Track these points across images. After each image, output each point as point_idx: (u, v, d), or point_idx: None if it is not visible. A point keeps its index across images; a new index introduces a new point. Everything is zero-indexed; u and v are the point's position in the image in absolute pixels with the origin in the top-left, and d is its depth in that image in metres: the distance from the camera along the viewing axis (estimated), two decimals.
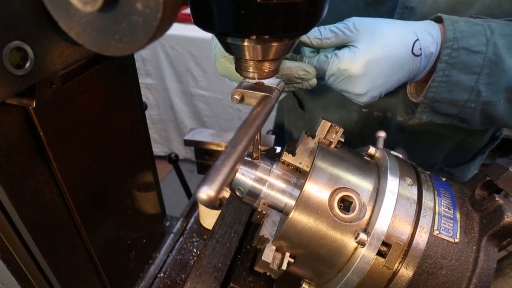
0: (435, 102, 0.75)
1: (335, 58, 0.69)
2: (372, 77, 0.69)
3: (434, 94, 0.74)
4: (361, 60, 0.67)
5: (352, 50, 0.68)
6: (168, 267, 0.96)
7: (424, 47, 0.70)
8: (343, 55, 0.68)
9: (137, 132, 0.79)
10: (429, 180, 0.57)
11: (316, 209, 0.51)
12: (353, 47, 0.69)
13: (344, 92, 0.74)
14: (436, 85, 0.72)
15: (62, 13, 0.30)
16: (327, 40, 0.69)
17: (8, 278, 0.59)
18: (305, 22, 0.41)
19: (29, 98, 0.49)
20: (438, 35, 0.71)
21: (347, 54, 0.68)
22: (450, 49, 0.69)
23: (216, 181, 0.33)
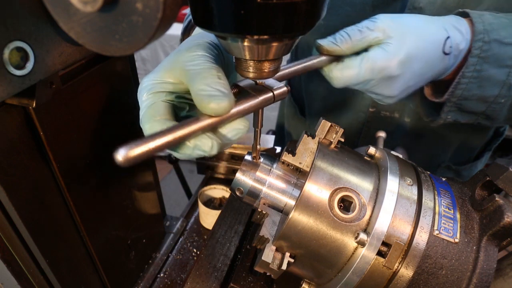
0: (463, 100, 0.71)
1: (367, 59, 0.62)
2: (406, 78, 0.65)
3: (463, 91, 0.69)
4: (397, 58, 0.62)
5: (384, 49, 0.62)
6: (168, 267, 0.96)
7: (454, 45, 0.65)
8: (377, 55, 0.62)
9: (137, 132, 0.79)
10: (429, 180, 0.57)
11: (316, 209, 0.51)
12: (385, 46, 0.63)
13: (374, 95, 0.70)
14: (466, 81, 0.68)
15: (62, 13, 0.30)
16: (357, 41, 0.62)
17: (8, 278, 0.59)
18: (305, 22, 0.41)
19: (29, 98, 0.49)
20: (468, 31, 0.67)
21: (381, 53, 0.62)
22: (481, 42, 0.65)
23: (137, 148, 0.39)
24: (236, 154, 1.17)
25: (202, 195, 1.11)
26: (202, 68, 0.46)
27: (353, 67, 0.63)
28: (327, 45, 0.62)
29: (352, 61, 0.63)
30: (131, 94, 0.74)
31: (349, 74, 0.63)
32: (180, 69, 0.48)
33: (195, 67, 0.46)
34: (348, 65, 0.64)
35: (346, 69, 0.63)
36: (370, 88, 0.67)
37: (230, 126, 0.47)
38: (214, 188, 1.13)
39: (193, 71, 0.46)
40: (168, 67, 0.49)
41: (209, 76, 0.44)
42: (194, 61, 0.47)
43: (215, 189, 1.14)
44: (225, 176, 1.23)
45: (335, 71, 0.64)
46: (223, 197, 1.14)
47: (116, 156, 0.38)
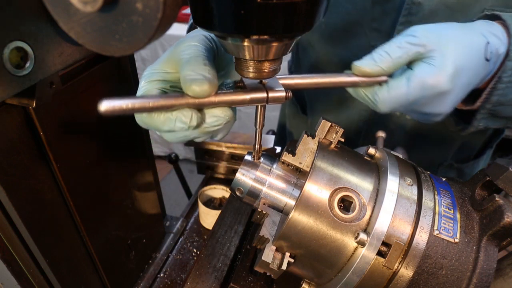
0: (498, 106, 0.67)
1: (415, 76, 0.57)
2: (456, 92, 0.60)
3: (500, 96, 0.65)
4: (446, 72, 0.57)
5: (431, 64, 0.57)
6: (168, 267, 0.96)
7: (494, 50, 0.62)
8: (424, 71, 0.57)
9: (137, 132, 0.79)
10: (429, 180, 0.57)
11: (316, 209, 0.51)
12: (430, 60, 0.58)
13: (421, 115, 0.65)
14: (503, 86, 0.64)
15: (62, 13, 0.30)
16: (398, 59, 0.57)
17: (8, 278, 0.59)
18: (305, 22, 0.41)
19: (29, 98, 0.49)
20: (504, 34, 0.63)
21: (428, 69, 0.57)
22: None
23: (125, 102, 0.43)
24: (236, 154, 1.17)
25: (202, 195, 1.11)
26: (191, 56, 0.50)
27: (400, 86, 0.57)
28: (367, 66, 0.58)
29: (398, 81, 0.58)
30: (131, 94, 0.74)
31: (397, 95, 0.58)
32: (176, 59, 0.52)
33: (186, 56, 0.50)
34: (394, 85, 0.58)
35: (393, 89, 0.58)
36: (418, 108, 0.62)
37: (211, 112, 0.50)
38: (214, 188, 1.13)
39: (184, 59, 0.50)
40: (166, 58, 0.54)
41: (195, 62, 0.48)
42: (186, 51, 0.51)
43: (215, 189, 1.14)
44: (225, 176, 1.23)
45: (382, 93, 0.58)
46: (223, 197, 1.14)
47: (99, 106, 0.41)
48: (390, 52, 0.57)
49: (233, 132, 1.21)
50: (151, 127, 0.52)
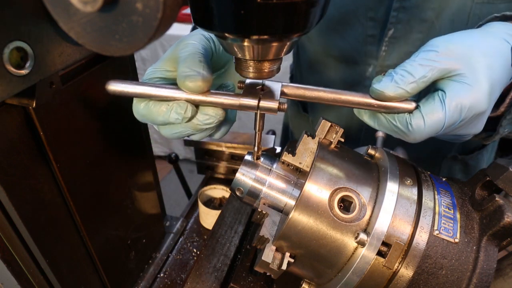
0: None
1: (451, 98, 0.51)
2: (489, 109, 0.55)
3: None
4: (482, 90, 0.51)
5: (464, 82, 0.51)
6: (168, 267, 0.96)
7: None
8: (459, 91, 0.51)
9: (137, 132, 0.79)
10: (429, 180, 0.57)
11: (316, 209, 0.51)
12: (461, 77, 0.52)
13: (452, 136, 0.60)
14: None
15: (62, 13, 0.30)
16: (423, 79, 0.51)
17: (8, 278, 0.59)
18: (305, 22, 0.41)
19: (29, 98, 0.49)
20: None
21: (462, 89, 0.51)
22: None
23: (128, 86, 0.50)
24: (236, 154, 1.17)
25: (202, 195, 1.11)
26: (188, 54, 0.52)
27: (436, 112, 0.51)
28: (389, 90, 0.51)
29: (432, 106, 0.52)
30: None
31: (434, 123, 0.51)
32: (175, 57, 0.54)
33: (183, 54, 0.52)
34: (429, 112, 0.51)
35: (428, 117, 0.51)
36: (452, 131, 0.56)
37: (204, 110, 0.52)
38: (214, 188, 1.13)
39: (181, 57, 0.52)
40: (167, 57, 0.55)
41: (191, 60, 0.50)
42: (184, 49, 0.53)
43: (215, 189, 1.14)
44: (225, 176, 1.23)
45: (416, 122, 0.52)
46: (223, 197, 1.14)
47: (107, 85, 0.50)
48: (413, 71, 0.51)
49: (233, 132, 1.21)
50: (148, 119, 0.53)
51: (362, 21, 0.91)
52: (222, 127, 0.59)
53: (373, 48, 0.93)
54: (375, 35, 0.91)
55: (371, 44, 0.92)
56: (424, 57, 0.52)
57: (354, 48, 0.95)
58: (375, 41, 0.92)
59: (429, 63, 0.51)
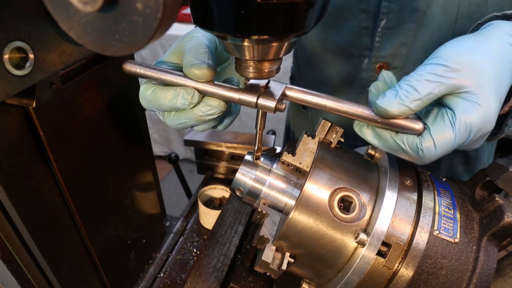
0: None
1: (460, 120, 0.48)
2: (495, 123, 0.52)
3: None
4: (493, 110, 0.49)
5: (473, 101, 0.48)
6: (168, 267, 0.96)
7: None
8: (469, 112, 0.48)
9: (137, 132, 0.79)
10: (429, 180, 0.57)
11: (316, 209, 0.51)
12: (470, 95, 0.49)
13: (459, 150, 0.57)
14: None
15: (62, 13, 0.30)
16: (429, 95, 0.48)
17: (8, 278, 0.59)
18: (305, 22, 0.41)
19: (29, 98, 0.49)
20: None
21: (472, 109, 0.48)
22: None
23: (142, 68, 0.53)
24: (236, 154, 1.17)
25: (202, 195, 1.11)
26: (193, 45, 0.54)
27: (447, 134, 0.48)
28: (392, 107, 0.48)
29: (442, 128, 0.49)
30: (131, 94, 0.74)
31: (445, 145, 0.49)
32: (181, 50, 0.56)
33: (188, 46, 0.55)
34: (439, 133, 0.48)
35: (439, 140, 0.48)
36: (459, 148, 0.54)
37: (207, 101, 0.53)
38: (214, 188, 1.13)
39: (187, 49, 0.54)
40: (173, 50, 0.58)
41: (196, 50, 0.53)
42: (189, 41, 0.55)
43: (215, 189, 1.14)
44: (225, 176, 1.23)
45: (427, 145, 0.49)
46: (223, 197, 1.14)
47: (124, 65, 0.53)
48: (419, 87, 0.48)
49: (233, 132, 1.21)
50: (154, 105, 0.54)
51: (355, 14, 0.92)
52: (225, 119, 0.60)
53: (367, 40, 0.94)
54: (368, 27, 0.92)
55: (365, 36, 0.93)
56: (432, 72, 0.48)
57: (350, 41, 0.97)
58: (369, 32, 0.93)
59: (437, 78, 0.48)
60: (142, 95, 0.55)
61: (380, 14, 0.88)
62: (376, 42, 0.92)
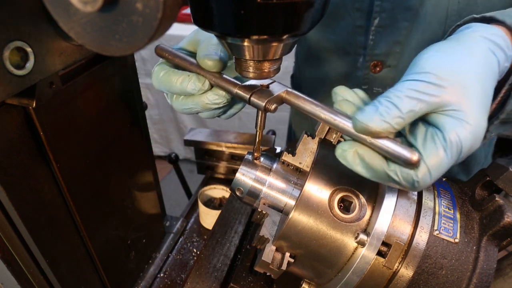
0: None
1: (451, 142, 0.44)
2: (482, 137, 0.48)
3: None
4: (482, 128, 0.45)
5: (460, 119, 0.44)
6: (168, 267, 0.96)
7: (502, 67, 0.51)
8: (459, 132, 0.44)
9: (137, 132, 0.79)
10: None
11: (316, 209, 0.51)
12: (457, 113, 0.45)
13: None
14: None
15: (62, 13, 0.30)
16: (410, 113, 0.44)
17: (8, 278, 0.59)
18: (305, 22, 0.41)
19: (29, 98, 0.49)
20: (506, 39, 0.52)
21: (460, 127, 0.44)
22: None
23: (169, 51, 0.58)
24: (236, 154, 1.17)
25: (202, 195, 1.11)
26: (207, 36, 0.58)
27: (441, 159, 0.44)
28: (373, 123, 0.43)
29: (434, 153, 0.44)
30: (131, 94, 0.74)
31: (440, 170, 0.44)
32: (196, 41, 0.61)
33: (202, 37, 0.59)
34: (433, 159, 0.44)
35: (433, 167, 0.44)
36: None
37: (214, 90, 0.57)
38: (214, 188, 1.13)
39: (202, 39, 0.59)
40: (188, 40, 0.63)
41: (209, 42, 0.57)
42: (204, 33, 0.59)
43: (215, 189, 1.14)
44: (225, 176, 1.23)
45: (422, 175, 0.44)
46: (223, 197, 1.14)
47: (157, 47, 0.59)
48: (399, 104, 0.44)
49: (233, 132, 1.21)
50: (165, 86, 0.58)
51: (350, 13, 0.94)
52: (230, 109, 0.63)
53: (362, 38, 0.95)
54: (362, 26, 0.93)
55: (360, 34, 0.95)
56: (411, 88, 0.45)
57: (345, 39, 0.98)
58: (363, 31, 0.94)
59: (418, 95, 0.44)
60: (156, 76, 0.59)
61: (373, 12, 0.89)
62: (370, 41, 0.93)
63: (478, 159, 1.13)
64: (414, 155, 0.43)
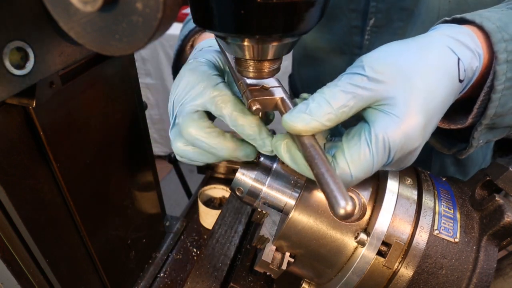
0: (497, 118, 0.54)
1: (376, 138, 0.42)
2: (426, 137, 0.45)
3: (497, 108, 0.52)
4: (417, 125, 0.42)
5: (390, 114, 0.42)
6: (168, 267, 0.96)
7: (467, 66, 0.48)
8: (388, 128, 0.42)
9: (137, 132, 0.79)
10: (429, 180, 0.57)
11: (316, 209, 0.51)
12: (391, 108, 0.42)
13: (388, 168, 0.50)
14: (499, 96, 0.51)
15: (62, 13, 0.30)
16: (343, 109, 0.42)
17: (8, 278, 0.59)
18: (305, 22, 0.41)
19: (29, 98, 0.49)
20: (477, 43, 0.50)
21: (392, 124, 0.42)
22: (503, 42, 0.50)
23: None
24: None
25: (202, 195, 1.11)
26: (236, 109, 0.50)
27: (362, 151, 0.42)
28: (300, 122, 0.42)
29: (356, 147, 0.43)
30: (131, 94, 0.74)
31: (361, 164, 0.43)
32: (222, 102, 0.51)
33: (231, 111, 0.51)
34: (354, 156, 0.42)
35: (355, 163, 0.43)
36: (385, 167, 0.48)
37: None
38: (214, 188, 1.13)
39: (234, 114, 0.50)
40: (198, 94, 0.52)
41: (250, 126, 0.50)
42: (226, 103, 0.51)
43: (215, 189, 1.14)
44: (225, 176, 1.23)
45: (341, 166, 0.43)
46: (223, 197, 1.14)
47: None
48: (332, 99, 0.42)
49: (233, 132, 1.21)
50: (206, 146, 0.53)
51: (345, 13, 0.95)
52: None
53: (358, 39, 0.96)
54: (358, 26, 0.94)
55: (356, 34, 0.96)
56: (348, 81, 0.43)
57: (341, 39, 0.99)
58: (359, 31, 0.95)
59: (353, 89, 0.42)
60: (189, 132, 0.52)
61: (369, 13, 0.90)
62: (365, 41, 0.94)
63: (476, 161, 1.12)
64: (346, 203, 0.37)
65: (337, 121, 0.43)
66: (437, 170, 1.08)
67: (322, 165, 0.39)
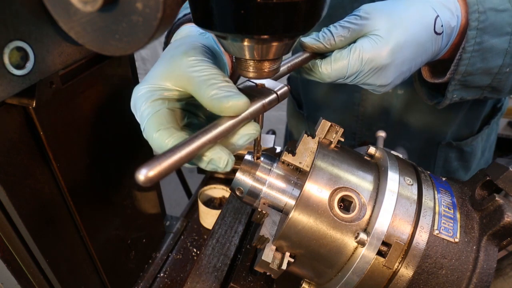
0: (468, 76, 0.70)
1: (355, 49, 0.60)
2: (398, 65, 0.63)
3: (467, 66, 0.68)
4: (386, 47, 0.60)
5: (372, 39, 0.60)
6: (168, 267, 0.96)
7: (445, 23, 0.64)
8: (365, 45, 0.60)
9: (137, 132, 0.79)
10: (429, 180, 0.57)
11: (316, 209, 0.51)
12: (373, 36, 0.61)
13: (367, 86, 0.67)
14: (468, 56, 0.67)
15: (62, 13, 0.30)
16: (341, 37, 0.60)
17: (8, 278, 0.59)
18: (305, 22, 0.41)
19: (29, 98, 0.49)
20: (457, 7, 0.66)
21: (368, 43, 0.60)
22: (477, 13, 0.65)
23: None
24: (236, 154, 1.17)
25: (202, 195, 1.11)
26: (209, 74, 0.45)
27: (342, 59, 0.61)
28: (310, 43, 0.61)
29: (340, 54, 0.61)
30: (131, 94, 0.74)
31: (338, 67, 0.61)
32: (181, 75, 0.46)
33: (200, 74, 0.45)
34: (336, 58, 0.61)
35: (335, 62, 0.61)
36: (362, 80, 0.64)
37: (242, 131, 0.46)
38: (214, 188, 1.13)
39: (200, 78, 0.45)
40: (166, 73, 0.48)
41: (218, 81, 0.44)
42: (197, 67, 0.46)
43: (215, 189, 1.14)
44: (225, 176, 1.23)
45: (324, 66, 0.62)
46: (223, 197, 1.14)
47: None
48: (333, 30, 0.61)
49: None
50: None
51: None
52: None
53: None
54: None
55: None
56: (347, 20, 0.62)
57: None
58: None
59: (348, 24, 0.61)
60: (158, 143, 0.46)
61: None
62: None
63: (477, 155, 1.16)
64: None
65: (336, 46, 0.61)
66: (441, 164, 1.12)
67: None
